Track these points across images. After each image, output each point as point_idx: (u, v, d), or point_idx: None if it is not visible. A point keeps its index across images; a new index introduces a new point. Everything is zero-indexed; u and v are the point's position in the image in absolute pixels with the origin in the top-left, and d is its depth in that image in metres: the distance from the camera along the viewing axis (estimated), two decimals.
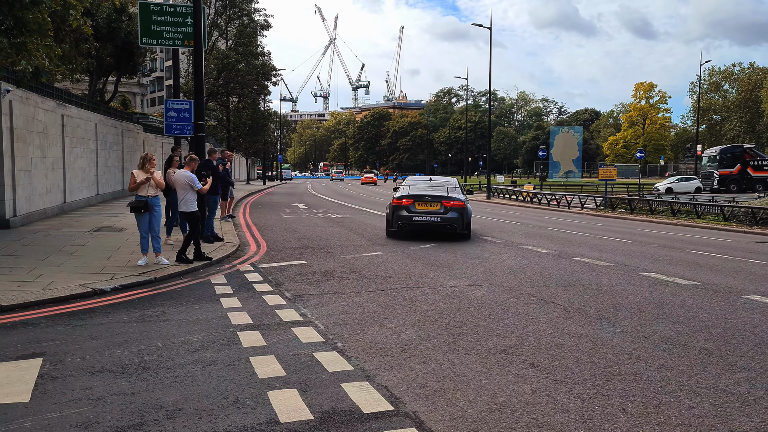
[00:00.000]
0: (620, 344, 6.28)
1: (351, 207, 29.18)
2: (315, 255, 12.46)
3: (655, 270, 11.18)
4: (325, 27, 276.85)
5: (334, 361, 5.59)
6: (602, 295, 8.84)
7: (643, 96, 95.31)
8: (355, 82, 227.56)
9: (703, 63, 72.40)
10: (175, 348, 5.98)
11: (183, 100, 16.06)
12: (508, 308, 7.87)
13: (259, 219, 20.90)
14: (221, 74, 39.03)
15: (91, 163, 22.65)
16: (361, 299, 8.30)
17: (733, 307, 8.19)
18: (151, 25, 15.32)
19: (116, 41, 27.87)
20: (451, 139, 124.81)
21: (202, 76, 13.81)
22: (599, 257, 12.80)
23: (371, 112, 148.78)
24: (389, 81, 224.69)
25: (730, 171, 49.16)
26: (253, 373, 5.25)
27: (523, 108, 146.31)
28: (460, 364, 5.57)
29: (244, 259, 11.87)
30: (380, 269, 10.81)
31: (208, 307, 7.77)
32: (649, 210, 28.53)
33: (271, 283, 9.34)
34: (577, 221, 24.38)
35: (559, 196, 36.71)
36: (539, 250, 13.89)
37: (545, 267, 11.40)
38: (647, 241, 16.48)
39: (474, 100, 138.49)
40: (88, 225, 16.04)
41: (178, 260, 10.56)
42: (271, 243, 14.31)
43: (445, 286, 9.32)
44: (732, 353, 6.04)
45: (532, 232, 18.46)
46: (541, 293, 8.88)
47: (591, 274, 10.71)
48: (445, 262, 11.84)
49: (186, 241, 10.77)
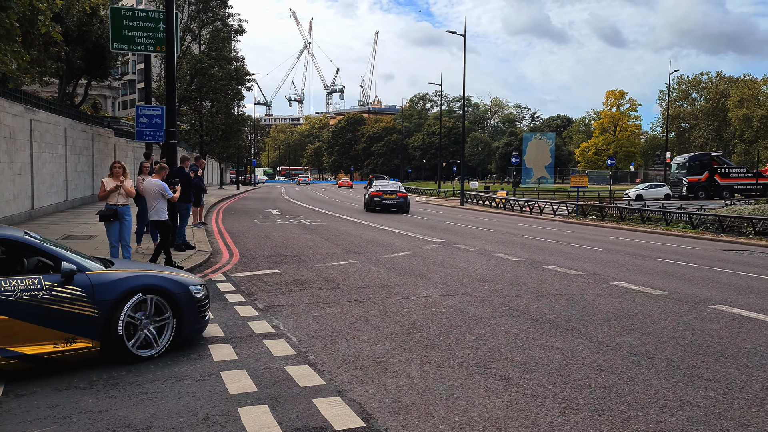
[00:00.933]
0: (590, 356, 6.35)
1: (325, 213, 29.11)
2: (288, 263, 12.40)
3: (625, 279, 11.34)
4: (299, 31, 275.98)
5: (305, 375, 5.57)
6: (573, 305, 8.93)
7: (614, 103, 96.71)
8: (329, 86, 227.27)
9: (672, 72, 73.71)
10: (144, 363, 5.90)
11: (155, 105, 15.87)
12: (480, 319, 7.91)
13: (232, 226, 20.74)
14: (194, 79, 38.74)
15: (60, 168, 22.27)
16: (334, 310, 8.28)
17: (700, 317, 8.34)
18: (123, 30, 15.12)
19: (87, 44, 27.49)
20: (425, 145, 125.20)
21: (174, 82, 13.67)
22: (571, 266, 12.94)
23: (346, 116, 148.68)
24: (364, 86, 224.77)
25: (698, 178, 50.11)
26: (224, 388, 5.21)
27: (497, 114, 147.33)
28: (432, 378, 5.58)
29: (216, 267, 11.77)
30: (354, 278, 10.79)
31: None
32: (620, 217, 28.93)
33: (244, 294, 9.27)
34: (549, 228, 24.62)
35: (532, 202, 37.05)
36: (512, 258, 14.00)
37: (518, 276, 11.48)
38: (618, 249, 16.70)
39: (448, 106, 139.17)
40: (56, 232, 15.75)
41: None
42: (244, 251, 14.20)
43: (418, 296, 9.33)
44: (698, 365, 6.15)
45: (505, 239, 18.60)
46: (514, 303, 8.94)
47: (562, 283, 10.81)
48: (419, 270, 11.87)
49: (157, 250, 10.65)
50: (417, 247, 15.75)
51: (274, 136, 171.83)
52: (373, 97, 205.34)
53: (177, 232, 13.27)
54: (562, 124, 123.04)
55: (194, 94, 40.68)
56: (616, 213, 29.93)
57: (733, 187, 49.60)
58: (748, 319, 8.28)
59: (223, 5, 43.74)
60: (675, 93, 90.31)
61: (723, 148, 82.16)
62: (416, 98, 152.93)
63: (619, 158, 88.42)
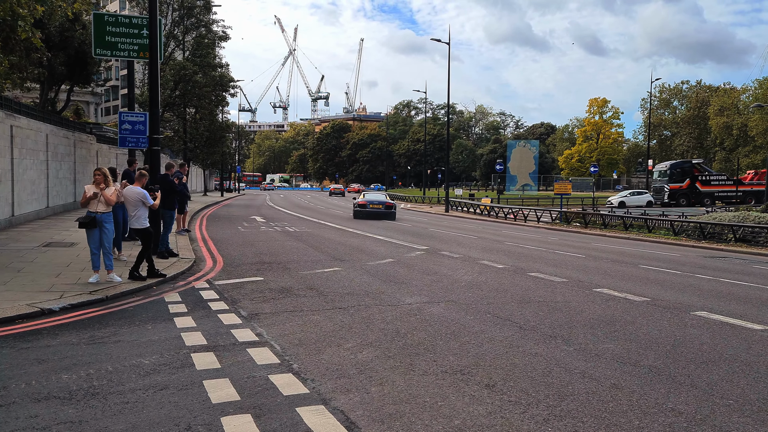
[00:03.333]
0: (573, 363, 6.38)
1: (309, 220, 29.04)
2: (272, 271, 12.35)
3: (608, 286, 11.41)
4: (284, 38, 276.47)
5: (289, 383, 5.54)
6: (557, 312, 8.97)
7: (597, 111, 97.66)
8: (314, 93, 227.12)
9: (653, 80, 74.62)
10: (125, 371, 5.84)
11: (138, 112, 15.78)
12: (464, 326, 7.92)
13: (216, 233, 20.63)
14: (178, 85, 38.54)
15: (42, 175, 22.03)
16: (318, 318, 8.25)
17: (681, 323, 8.41)
18: (106, 36, 15.02)
19: (69, 50, 27.24)
20: (410, 152, 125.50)
21: (157, 88, 13.61)
22: (554, 272, 13.00)
23: (331, 123, 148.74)
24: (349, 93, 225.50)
25: (680, 185, 50.64)
26: (207, 397, 5.16)
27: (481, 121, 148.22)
28: (416, 386, 5.57)
29: (199, 275, 11.68)
30: (338, 286, 10.76)
31: (161, 327, 7.61)
32: (603, 224, 29.15)
33: (227, 301, 9.21)
34: (533, 235, 24.75)
35: (516, 209, 37.23)
36: (496, 265, 14.04)
37: (501, 283, 11.52)
38: (601, 256, 16.82)
39: (433, 113, 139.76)
40: (37, 239, 15.57)
41: (131, 277, 10.33)
42: (228, 258, 14.12)
43: (403, 304, 9.33)
44: (680, 371, 6.19)
45: (489, 246, 18.66)
46: (497, 310, 8.96)
47: (546, 290, 10.86)
48: (403, 278, 11.86)
49: (139, 258, 10.55)
50: (401, 254, 15.75)
51: (259, 143, 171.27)
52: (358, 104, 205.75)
53: (160, 239, 13.18)
54: (546, 131, 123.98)
55: (178, 100, 40.44)
56: (599, 220, 30.15)
57: (714, 194, 50.19)
58: (729, 325, 8.36)
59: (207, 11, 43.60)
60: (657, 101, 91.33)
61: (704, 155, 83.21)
62: (401, 105, 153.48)
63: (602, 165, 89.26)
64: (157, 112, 13.69)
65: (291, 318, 8.21)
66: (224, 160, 65.38)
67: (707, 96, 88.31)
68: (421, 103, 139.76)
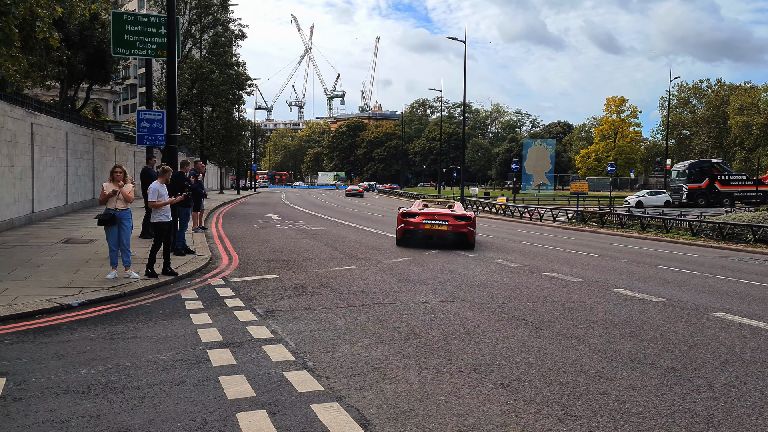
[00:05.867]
0: (589, 363, 6.35)
1: (326, 219, 29.11)
2: (287, 268, 12.40)
3: (625, 286, 11.34)
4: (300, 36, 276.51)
5: (304, 380, 5.56)
6: (572, 311, 8.93)
7: (614, 110, 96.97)
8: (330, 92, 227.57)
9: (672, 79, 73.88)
10: (143, 367, 5.90)
11: (155, 110, 15.91)
12: (479, 325, 7.91)
13: (232, 230, 20.74)
14: (195, 84, 38.80)
15: (61, 172, 22.29)
16: (333, 315, 8.28)
17: (699, 324, 8.34)
18: (124, 35, 15.15)
19: (88, 49, 27.53)
20: (425, 150, 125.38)
21: (175, 87, 13.71)
22: (570, 272, 12.94)
23: (346, 122, 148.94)
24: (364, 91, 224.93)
25: (698, 185, 50.13)
26: (223, 393, 5.20)
27: (497, 120, 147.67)
28: (430, 384, 5.58)
29: (215, 272, 11.77)
30: (353, 284, 10.79)
31: (177, 323, 7.68)
32: (620, 224, 28.93)
33: (243, 298, 9.27)
34: (549, 234, 24.63)
35: (532, 209, 37.06)
36: (511, 264, 14.00)
37: (517, 282, 11.48)
38: (617, 256, 16.70)
39: (448, 112, 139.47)
40: (56, 236, 15.76)
41: (146, 274, 10.42)
42: (244, 256, 14.20)
43: (417, 302, 9.33)
44: (698, 372, 6.14)
45: (505, 245, 18.60)
46: (513, 310, 8.94)
47: (562, 290, 10.81)
48: (418, 276, 11.87)
49: (151, 254, 10.59)
50: (416, 253, 15.75)
51: (275, 141, 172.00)
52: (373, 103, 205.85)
53: (177, 236, 13.28)
54: (562, 130, 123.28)
55: (195, 98, 40.75)
56: (616, 220, 29.94)
57: (733, 195, 49.62)
58: (748, 326, 8.27)
59: (224, 10, 43.83)
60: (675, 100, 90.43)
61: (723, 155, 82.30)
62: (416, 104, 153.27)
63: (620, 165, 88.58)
64: (175, 111, 13.79)
65: (306, 315, 8.24)
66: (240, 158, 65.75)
67: (727, 95, 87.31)
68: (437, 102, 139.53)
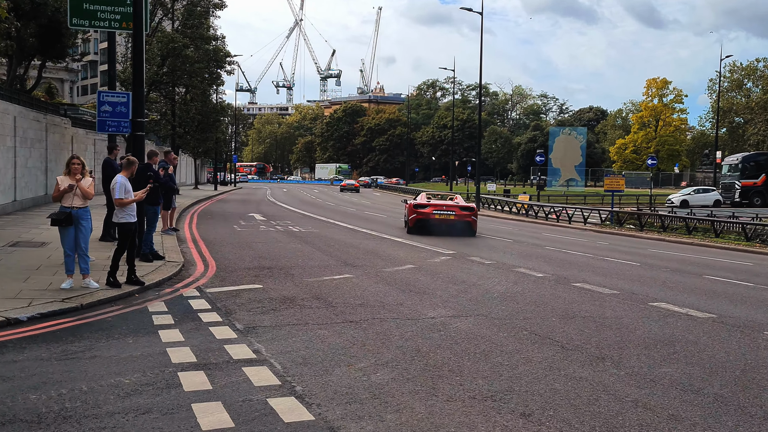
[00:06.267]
0: (624, 390, 6.35)
1: (317, 218, 29.16)
2: (273, 277, 12.43)
3: (667, 299, 11.34)
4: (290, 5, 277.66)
5: (291, 408, 5.57)
6: (605, 329, 8.94)
7: (655, 94, 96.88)
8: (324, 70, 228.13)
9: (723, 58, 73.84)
10: (103, 392, 5.90)
11: (119, 92, 15.95)
12: (496, 345, 7.91)
13: (208, 232, 20.78)
14: (166, 61, 38.88)
15: (8, 164, 22.34)
16: (326, 332, 8.29)
17: (754, 345, 8.34)
18: (83, 4, 15.15)
19: (41, 20, 27.59)
20: (435, 140, 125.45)
21: (142, 65, 13.73)
22: (603, 283, 12.96)
23: (343, 106, 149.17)
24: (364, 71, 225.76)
25: (753, 182, 50.12)
26: (196, 423, 5.21)
27: (519, 105, 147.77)
28: (439, 414, 5.58)
29: (188, 281, 11.79)
30: (349, 296, 10.81)
31: (143, 341, 7.69)
32: (662, 227, 28.95)
33: (220, 312, 9.28)
34: (578, 239, 24.64)
35: (559, 208, 37.10)
36: (534, 273, 14.02)
37: (541, 294, 11.50)
38: (658, 264, 16.71)
39: (462, 95, 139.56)
40: (2, 238, 15.79)
41: (108, 283, 10.43)
42: (222, 262, 14.23)
43: (425, 317, 9.35)
44: (751, 401, 6.14)
45: (527, 251, 18.61)
46: (536, 326, 8.95)
47: (593, 303, 10.83)
48: (425, 287, 11.88)
49: (114, 260, 10.58)
50: (424, 259, 15.76)
51: (259, 128, 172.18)
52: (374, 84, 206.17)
53: (143, 239, 13.30)
54: (595, 117, 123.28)
55: (166, 78, 40.80)
56: (657, 222, 29.97)
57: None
58: None
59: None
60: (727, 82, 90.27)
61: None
62: (425, 85, 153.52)
63: (661, 158, 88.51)
64: (142, 92, 13.81)
65: (294, 332, 8.25)
66: (218, 147, 65.81)
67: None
68: (449, 83, 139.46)
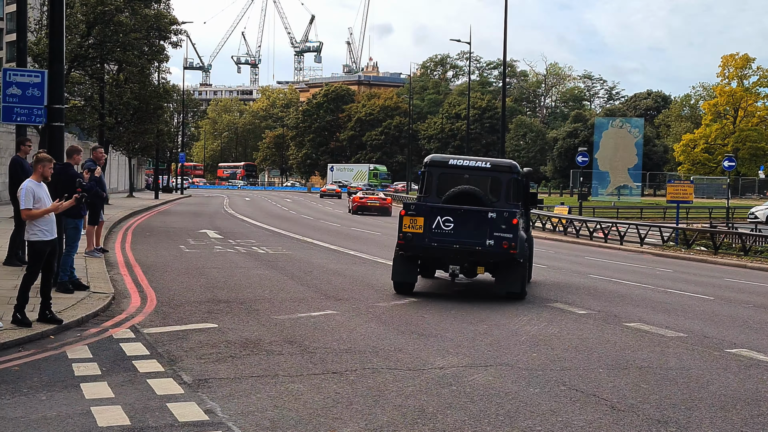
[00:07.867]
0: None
1: (290, 236, 29.15)
2: (231, 314, 12.41)
3: (749, 345, 11.37)
4: None
5: None
6: (669, 383, 8.95)
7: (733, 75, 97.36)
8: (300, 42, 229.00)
9: None
10: None
11: (32, 69, 15.97)
12: (525, 403, 7.91)
13: (147, 254, 20.75)
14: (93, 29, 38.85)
15: None
16: (301, 387, 8.28)
17: None
18: None
19: None
20: (445, 133, 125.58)
21: (62, 34, 13.75)
22: (665, 323, 12.98)
23: (324, 89, 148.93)
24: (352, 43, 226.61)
25: None
26: None
27: (555, 88, 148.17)
28: None
29: (120, 319, 11.77)
30: (332, 338, 10.79)
31: (60, 397, 7.66)
32: (742, 249, 28.96)
33: (162, 359, 9.26)
34: (633, 264, 24.65)
35: (607, 224, 37.11)
36: (575, 310, 14.03)
37: (584, 338, 11.51)
38: (738, 298, 16.74)
39: (481, 75, 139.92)
40: None
41: (14, 321, 10.39)
42: (164, 294, 14.21)
43: (431, 368, 9.34)
44: None
45: (565, 280, 18.62)
46: (577, 380, 8.95)
47: (652, 350, 10.84)
48: (432, 327, 11.87)
49: (22, 288, 10.54)
50: (430, 289, 15.75)
51: (214, 118, 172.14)
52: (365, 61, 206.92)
53: (61, 263, 13.25)
54: (655, 105, 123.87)
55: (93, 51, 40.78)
56: (737, 242, 30.00)
57: None
58: None
59: None
60: None
61: None
62: (431, 63, 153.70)
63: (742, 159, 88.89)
64: (62, 70, 13.82)
65: (259, 387, 8.23)
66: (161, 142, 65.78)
67: None
68: (463, 60, 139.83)
